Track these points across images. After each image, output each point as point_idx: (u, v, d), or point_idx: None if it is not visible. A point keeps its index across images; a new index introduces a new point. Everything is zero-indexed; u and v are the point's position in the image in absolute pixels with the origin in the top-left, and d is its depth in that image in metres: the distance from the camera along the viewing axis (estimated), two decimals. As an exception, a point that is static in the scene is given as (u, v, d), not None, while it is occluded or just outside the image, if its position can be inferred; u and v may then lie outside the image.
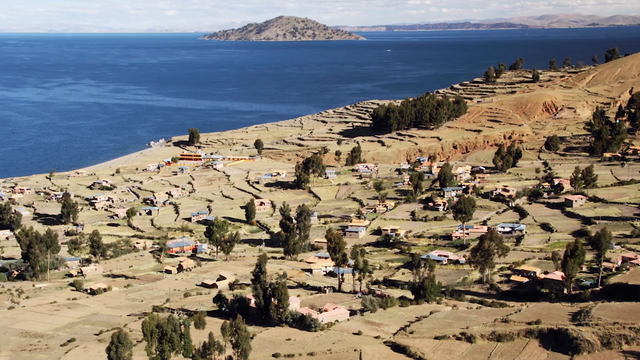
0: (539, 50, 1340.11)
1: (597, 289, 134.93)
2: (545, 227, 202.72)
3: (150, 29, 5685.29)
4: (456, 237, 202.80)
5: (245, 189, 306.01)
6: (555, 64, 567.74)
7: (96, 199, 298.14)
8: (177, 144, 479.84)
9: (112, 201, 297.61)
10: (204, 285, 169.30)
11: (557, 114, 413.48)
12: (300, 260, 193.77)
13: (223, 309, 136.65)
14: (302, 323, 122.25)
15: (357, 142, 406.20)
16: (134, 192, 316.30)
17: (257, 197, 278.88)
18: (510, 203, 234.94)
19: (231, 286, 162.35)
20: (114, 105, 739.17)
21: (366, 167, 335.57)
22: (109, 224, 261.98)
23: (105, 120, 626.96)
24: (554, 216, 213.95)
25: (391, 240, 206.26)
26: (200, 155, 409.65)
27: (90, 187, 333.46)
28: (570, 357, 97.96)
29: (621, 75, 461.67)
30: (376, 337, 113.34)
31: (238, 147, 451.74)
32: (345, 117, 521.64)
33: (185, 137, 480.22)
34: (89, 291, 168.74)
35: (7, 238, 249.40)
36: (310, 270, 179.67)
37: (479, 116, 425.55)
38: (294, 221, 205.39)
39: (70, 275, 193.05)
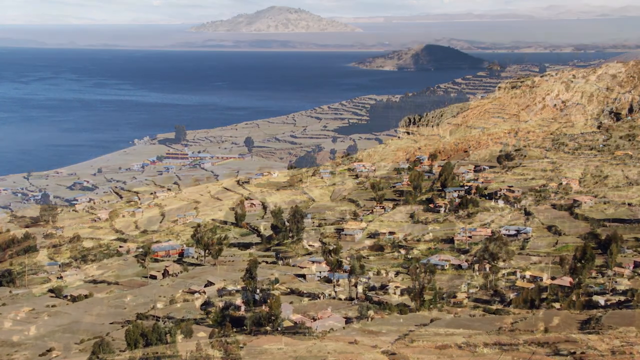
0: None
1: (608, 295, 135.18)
2: (553, 229, 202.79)
3: (135, 20, 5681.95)
4: (458, 240, 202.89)
5: (235, 190, 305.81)
6: (564, 56, 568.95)
7: (77, 200, 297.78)
8: (162, 141, 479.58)
9: (94, 202, 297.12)
10: (191, 291, 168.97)
11: (565, 110, 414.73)
12: (293, 265, 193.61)
13: (211, 316, 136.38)
14: (295, 331, 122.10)
15: (353, 140, 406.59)
16: (117, 193, 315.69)
17: (247, 198, 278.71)
18: (515, 204, 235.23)
19: (220, 292, 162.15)
20: (95, 101, 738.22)
21: (363, 166, 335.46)
22: (90, 227, 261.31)
23: (86, 117, 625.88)
24: (562, 218, 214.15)
25: (389, 244, 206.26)
26: (187, 154, 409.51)
27: (70, 188, 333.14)
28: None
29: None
30: (373, 347, 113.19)
31: (227, 145, 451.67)
32: (341, 114, 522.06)
33: (171, 135, 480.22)
34: (69, 298, 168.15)
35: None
36: (303, 276, 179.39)
37: (483, 112, 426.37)
38: (287, 223, 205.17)
39: (50, 281, 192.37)
